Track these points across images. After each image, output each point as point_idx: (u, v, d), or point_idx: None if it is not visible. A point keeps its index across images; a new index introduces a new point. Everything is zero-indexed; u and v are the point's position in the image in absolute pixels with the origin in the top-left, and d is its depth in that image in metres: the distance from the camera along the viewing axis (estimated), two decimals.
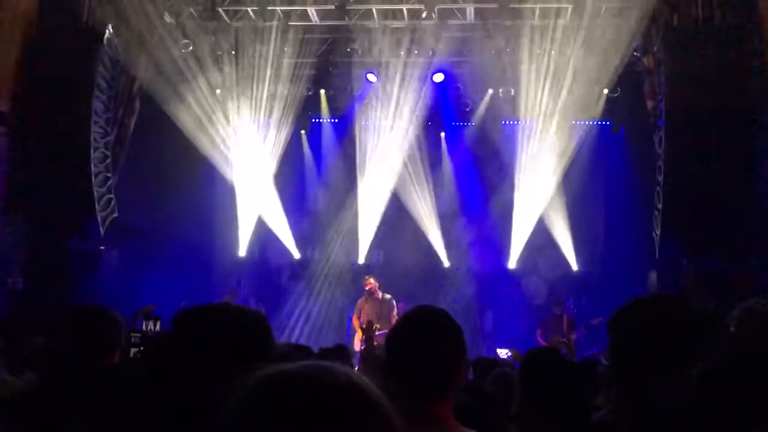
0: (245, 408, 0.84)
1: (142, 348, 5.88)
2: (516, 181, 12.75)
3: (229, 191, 13.10)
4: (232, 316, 1.63)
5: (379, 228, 13.09)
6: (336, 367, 0.88)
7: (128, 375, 2.19)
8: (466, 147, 13.38)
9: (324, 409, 0.81)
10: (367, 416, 0.84)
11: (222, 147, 12.91)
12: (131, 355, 5.66)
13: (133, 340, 7.37)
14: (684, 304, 1.61)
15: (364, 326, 9.82)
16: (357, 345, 10.06)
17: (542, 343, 10.39)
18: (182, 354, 1.54)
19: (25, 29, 9.88)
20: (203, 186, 13.26)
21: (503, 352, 9.62)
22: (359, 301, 10.58)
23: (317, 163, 13.82)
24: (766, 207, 8.85)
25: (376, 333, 9.25)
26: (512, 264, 12.83)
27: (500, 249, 12.96)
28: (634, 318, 1.62)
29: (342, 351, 5.13)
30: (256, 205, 13.02)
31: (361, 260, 13.10)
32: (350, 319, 11.09)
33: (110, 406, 1.83)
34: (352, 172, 13.52)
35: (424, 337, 1.97)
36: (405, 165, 12.90)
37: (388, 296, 10.47)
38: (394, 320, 9.96)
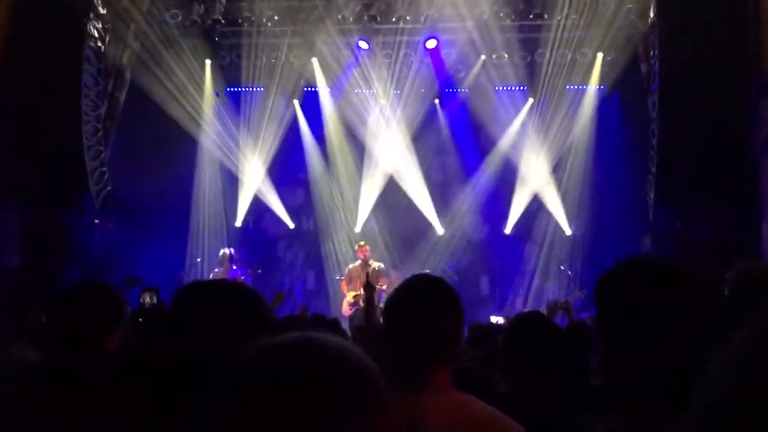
0: (234, 384, 0.83)
1: (140, 320, 5.90)
2: (510, 146, 12.76)
3: (222, 162, 13.08)
4: (230, 293, 1.64)
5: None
6: (326, 339, 0.87)
7: (132, 355, 2.20)
8: (459, 113, 13.32)
9: (314, 383, 0.81)
10: (358, 389, 0.83)
11: (214, 117, 12.86)
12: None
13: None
14: (676, 268, 1.54)
15: (359, 291, 9.88)
16: (346, 310, 10.18)
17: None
18: (182, 331, 1.55)
19: (9, 5, 9.72)
20: (197, 157, 13.24)
21: (496, 320, 9.72)
22: (349, 267, 10.61)
23: (310, 133, 13.75)
24: (760, 170, 8.87)
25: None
26: (508, 230, 12.88)
27: (496, 215, 13.00)
28: (622, 284, 1.53)
29: (323, 321, 5.16)
30: (251, 176, 13.00)
31: (357, 229, 13.12)
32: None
33: (117, 387, 1.85)
34: (345, 141, 13.49)
35: (424, 304, 1.97)
36: (399, 132, 12.86)
37: (378, 264, 10.51)
38: (382, 288, 10.04)
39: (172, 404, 1.49)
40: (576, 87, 12.29)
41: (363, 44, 12.19)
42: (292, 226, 13.57)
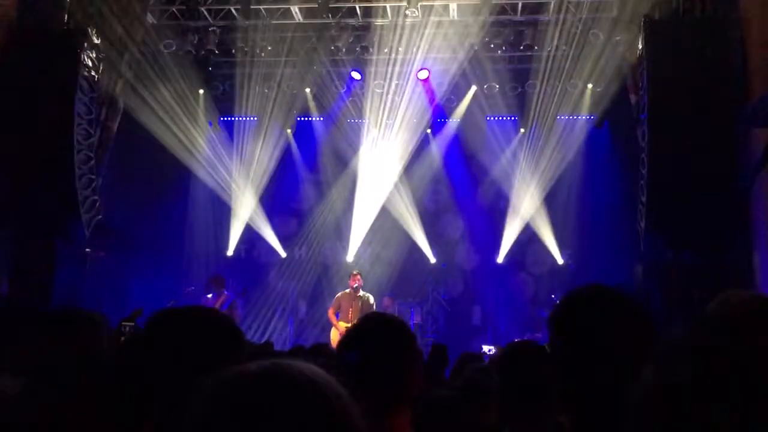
0: (203, 410, 0.83)
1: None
2: (502, 176, 12.82)
3: (214, 191, 13.08)
4: (205, 321, 1.62)
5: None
6: (296, 366, 0.87)
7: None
8: (451, 143, 13.41)
9: (281, 409, 0.81)
10: (327, 414, 0.83)
11: (206, 147, 12.89)
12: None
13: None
14: (624, 297, 1.54)
15: (342, 326, 9.78)
16: (335, 340, 9.86)
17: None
18: (152, 356, 1.53)
19: (4, 33, 9.78)
20: (188, 186, 13.25)
21: (488, 349, 9.68)
22: (338, 295, 10.37)
23: (303, 162, 13.81)
24: (750, 199, 8.93)
25: None
26: (500, 259, 12.88)
27: (488, 244, 13.02)
28: (572, 314, 1.55)
29: (319, 349, 5.11)
30: (244, 205, 13.00)
31: (349, 258, 13.10)
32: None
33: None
34: (338, 171, 13.54)
35: (374, 345, 1.90)
36: (391, 161, 12.91)
37: (368, 295, 10.33)
38: None
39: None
40: (566, 117, 12.39)
41: (356, 75, 12.30)
42: (284, 255, 13.54)
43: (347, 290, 10.25)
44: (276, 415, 0.80)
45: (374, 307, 10.13)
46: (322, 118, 13.40)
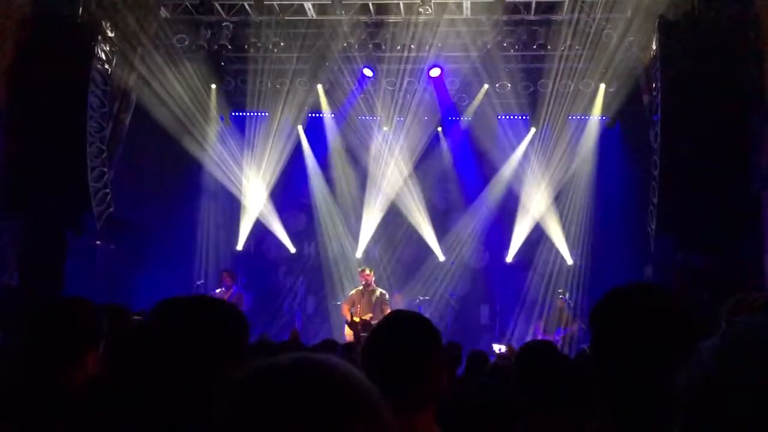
0: (235, 402, 0.83)
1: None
2: (512, 175, 12.79)
3: (225, 186, 13.11)
4: (210, 310, 1.60)
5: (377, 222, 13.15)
6: (330, 361, 0.86)
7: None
8: (462, 141, 13.39)
9: (313, 402, 0.80)
10: (359, 412, 0.83)
11: (218, 141, 12.92)
12: None
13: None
14: (671, 295, 1.51)
15: (355, 321, 9.86)
16: (348, 334, 10.03)
17: (541, 336, 10.46)
18: (156, 344, 1.51)
19: (19, 25, 9.83)
20: (199, 180, 13.28)
21: (498, 348, 9.65)
22: (353, 292, 10.50)
23: (314, 158, 13.81)
24: (760, 202, 8.87)
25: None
26: (509, 258, 12.85)
27: (497, 243, 12.99)
28: (616, 310, 1.50)
29: (330, 346, 5.13)
30: (254, 200, 13.03)
31: (358, 254, 13.11)
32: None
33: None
34: (349, 167, 13.54)
35: (400, 343, 1.87)
36: (401, 158, 12.91)
37: (382, 291, 10.41)
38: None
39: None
40: (578, 117, 12.35)
41: (367, 71, 12.29)
42: (293, 250, 13.56)
43: (360, 287, 10.37)
44: (307, 408, 0.80)
45: (388, 302, 10.17)
46: (333, 115, 13.40)
